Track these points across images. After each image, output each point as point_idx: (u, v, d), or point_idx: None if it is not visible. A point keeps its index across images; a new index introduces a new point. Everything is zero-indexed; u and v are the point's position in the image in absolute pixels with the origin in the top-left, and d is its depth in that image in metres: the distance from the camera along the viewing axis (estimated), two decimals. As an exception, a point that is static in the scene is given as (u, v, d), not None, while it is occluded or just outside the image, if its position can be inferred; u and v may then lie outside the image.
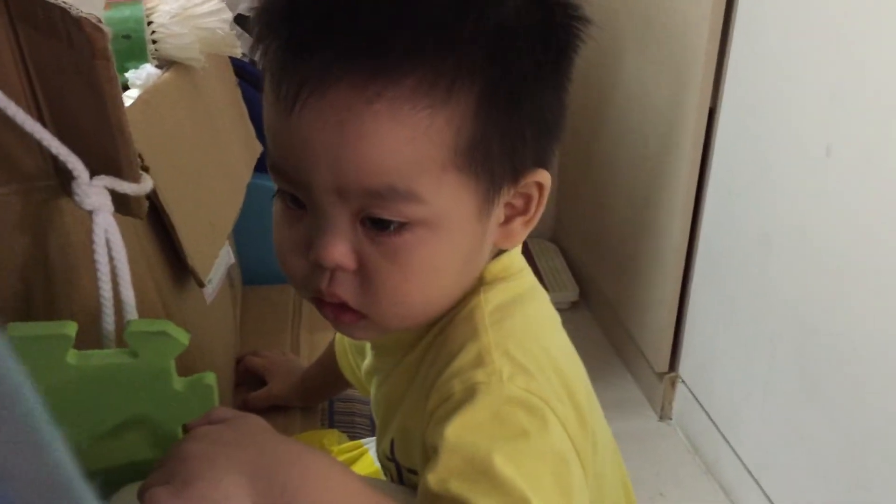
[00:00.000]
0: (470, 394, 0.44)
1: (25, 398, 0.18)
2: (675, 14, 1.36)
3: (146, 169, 0.60)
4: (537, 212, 0.51)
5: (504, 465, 0.42)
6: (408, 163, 0.44)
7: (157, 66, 0.73)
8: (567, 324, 0.90)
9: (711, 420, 1.38)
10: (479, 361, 0.46)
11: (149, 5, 0.72)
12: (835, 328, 1.04)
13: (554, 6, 0.48)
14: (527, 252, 1.79)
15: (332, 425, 0.80)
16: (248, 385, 0.84)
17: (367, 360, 0.61)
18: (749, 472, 1.27)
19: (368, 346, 0.62)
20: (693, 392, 1.45)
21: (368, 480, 0.46)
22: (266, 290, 1.02)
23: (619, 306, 1.71)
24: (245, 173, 0.89)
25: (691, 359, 1.46)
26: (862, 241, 0.98)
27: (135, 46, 0.71)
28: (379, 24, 0.42)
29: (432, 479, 0.42)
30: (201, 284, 0.69)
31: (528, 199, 0.50)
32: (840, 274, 1.03)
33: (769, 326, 1.19)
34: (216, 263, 0.75)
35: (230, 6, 0.77)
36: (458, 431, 0.43)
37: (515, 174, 0.48)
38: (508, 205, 0.50)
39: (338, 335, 0.78)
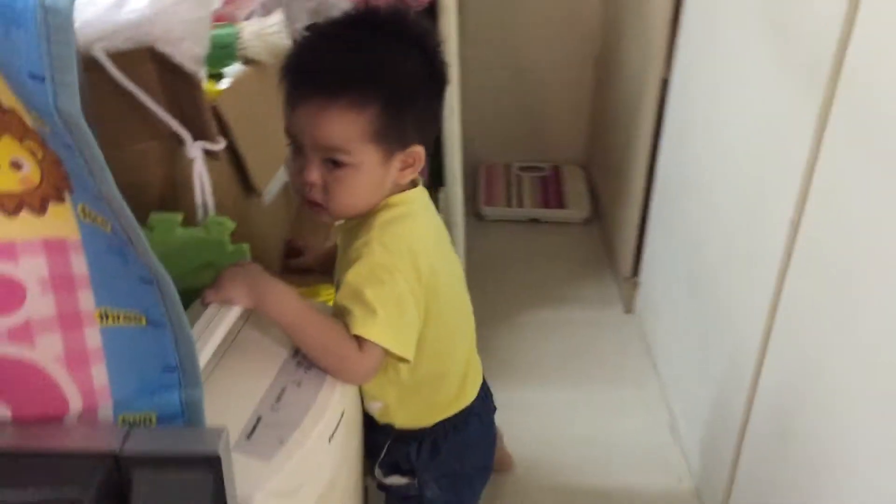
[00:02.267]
0: (358, 258, 0.87)
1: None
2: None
3: (225, 122, 1.04)
4: (416, 166, 0.91)
5: (370, 293, 0.84)
6: (343, 136, 0.85)
7: (243, 64, 1.16)
8: (577, 236, 1.35)
9: (655, 313, 1.78)
10: (367, 243, 0.87)
11: (238, 27, 1.15)
12: (710, 247, 1.41)
13: (434, 65, 0.89)
14: (558, 175, 2.20)
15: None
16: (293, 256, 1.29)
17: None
18: (654, 352, 1.67)
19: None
20: (646, 292, 1.84)
21: (314, 304, 0.90)
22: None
23: (610, 224, 2.10)
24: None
25: (647, 267, 1.84)
26: (732, 178, 1.33)
27: (229, 52, 1.15)
28: (326, 78, 0.85)
29: (337, 298, 0.87)
30: (259, 195, 1.14)
31: (414, 159, 0.90)
32: (717, 206, 1.38)
33: (683, 248, 1.56)
34: (272, 182, 1.19)
35: (289, 25, 1.19)
36: (351, 276, 0.86)
37: (403, 146, 0.89)
38: (402, 161, 0.90)
39: None
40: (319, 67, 0.86)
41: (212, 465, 0.63)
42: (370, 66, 0.86)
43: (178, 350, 0.64)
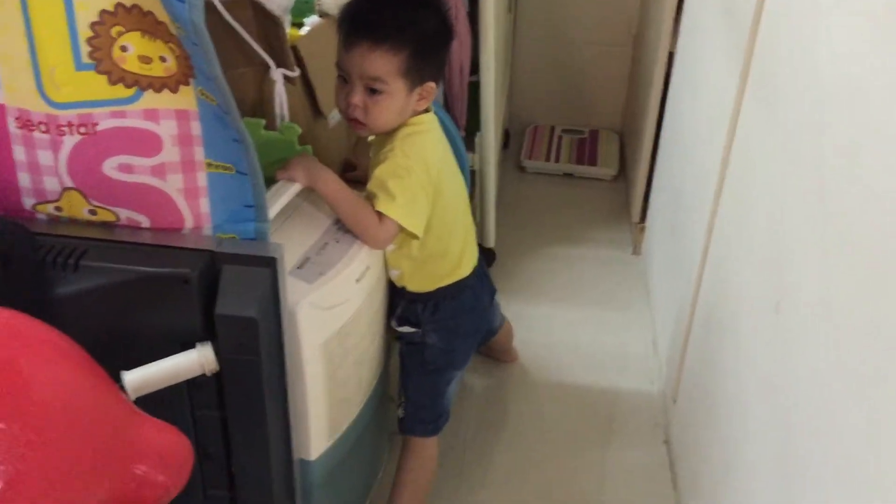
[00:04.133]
0: (385, 159, 1.17)
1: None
2: None
3: (302, 60, 1.35)
4: (429, 97, 1.21)
5: (391, 184, 1.15)
6: (383, 70, 1.15)
7: (319, 16, 1.47)
8: (605, 190, 1.70)
9: (652, 252, 2.03)
10: (392, 149, 1.18)
11: (317, -12, 1.46)
12: (683, 192, 1.66)
13: (447, 26, 1.18)
14: (595, 138, 2.52)
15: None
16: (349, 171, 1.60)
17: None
18: (650, 285, 1.92)
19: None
20: (649, 237, 2.09)
21: (351, 189, 1.21)
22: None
23: (629, 181, 2.35)
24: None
25: (651, 214, 2.09)
26: (696, 132, 1.58)
27: (310, 6, 1.46)
28: (375, 29, 1.15)
29: (368, 186, 1.17)
30: (325, 118, 1.45)
31: (428, 92, 1.20)
32: (688, 157, 1.63)
33: (670, 196, 1.81)
34: (336, 110, 1.50)
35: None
36: (378, 172, 1.17)
37: (422, 81, 1.18)
38: (420, 93, 1.19)
39: None
40: (369, 21, 1.16)
41: (271, 265, 0.95)
42: (405, 23, 1.16)
43: (254, 193, 0.96)
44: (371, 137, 1.30)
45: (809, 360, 0.87)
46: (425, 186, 1.19)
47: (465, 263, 1.32)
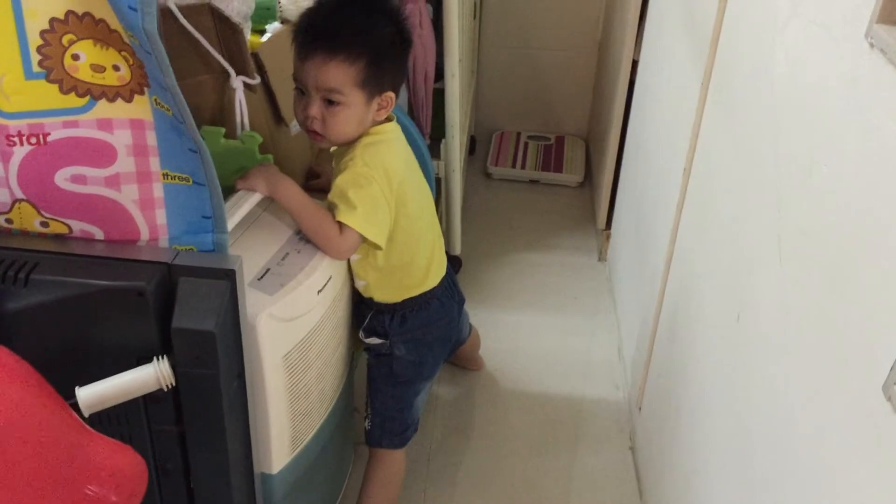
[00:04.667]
0: (346, 168, 1.16)
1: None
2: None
3: (263, 67, 1.34)
4: (389, 107, 1.19)
5: (351, 193, 1.14)
6: (339, 81, 1.13)
7: (280, 23, 1.46)
8: (570, 197, 1.66)
9: (618, 258, 2.04)
10: (352, 159, 1.17)
11: (278, -6, 1.45)
12: (646, 199, 1.67)
13: (403, 34, 1.17)
14: (561, 145, 2.53)
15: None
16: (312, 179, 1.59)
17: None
18: (615, 291, 1.93)
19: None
20: (614, 243, 2.10)
21: (311, 198, 1.20)
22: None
23: (594, 187, 2.36)
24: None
25: (615, 221, 2.10)
26: (659, 140, 1.59)
27: (271, 13, 1.44)
28: (329, 39, 1.13)
29: (329, 196, 1.16)
30: (286, 125, 1.44)
31: (388, 101, 1.19)
32: (651, 164, 1.64)
33: (633, 202, 1.82)
34: (298, 118, 1.49)
35: (318, -5, 1.47)
36: (339, 181, 1.15)
37: (381, 91, 1.17)
38: (379, 103, 1.18)
39: None
40: (325, 31, 1.15)
41: (230, 277, 0.93)
42: (359, 32, 1.15)
43: (212, 204, 0.94)
44: (333, 148, 1.29)
45: (767, 369, 0.88)
46: (387, 196, 1.18)
47: (432, 274, 1.31)
